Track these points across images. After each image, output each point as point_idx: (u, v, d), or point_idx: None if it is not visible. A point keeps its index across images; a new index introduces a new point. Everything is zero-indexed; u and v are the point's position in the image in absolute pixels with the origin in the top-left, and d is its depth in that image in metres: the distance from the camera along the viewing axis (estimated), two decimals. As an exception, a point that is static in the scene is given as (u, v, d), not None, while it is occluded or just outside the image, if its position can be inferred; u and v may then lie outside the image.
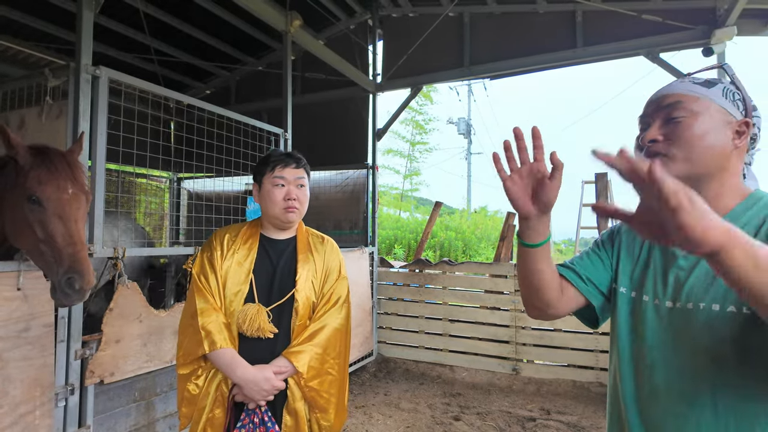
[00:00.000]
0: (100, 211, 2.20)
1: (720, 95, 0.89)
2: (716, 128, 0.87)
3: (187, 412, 1.45)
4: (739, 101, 0.90)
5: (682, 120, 0.88)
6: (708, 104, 0.88)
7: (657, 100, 0.94)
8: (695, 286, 0.87)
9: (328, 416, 1.49)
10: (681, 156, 0.88)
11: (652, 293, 0.94)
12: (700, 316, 0.84)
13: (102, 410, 2.21)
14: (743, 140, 0.89)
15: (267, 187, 1.55)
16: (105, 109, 2.23)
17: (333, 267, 1.62)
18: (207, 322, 1.43)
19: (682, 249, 0.64)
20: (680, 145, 0.88)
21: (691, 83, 0.91)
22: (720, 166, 0.88)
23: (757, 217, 0.85)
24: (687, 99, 0.89)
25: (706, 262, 0.65)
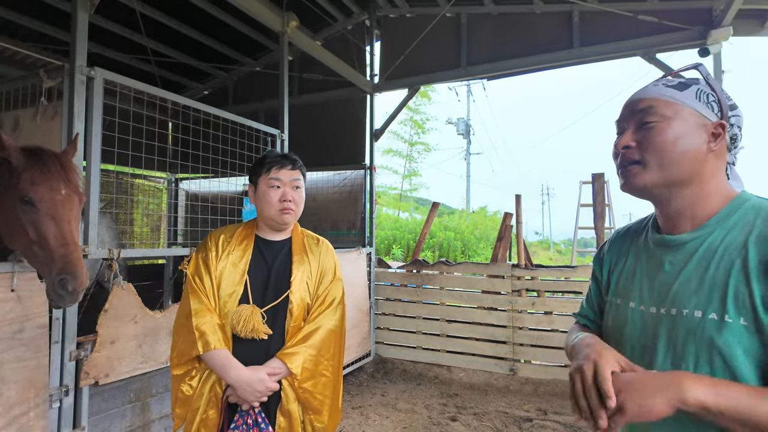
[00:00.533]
0: (94, 212, 2.19)
1: (693, 98, 0.87)
2: (689, 132, 0.86)
3: (181, 412, 1.45)
4: (713, 103, 0.88)
5: (655, 125, 0.88)
6: (680, 108, 0.87)
7: (631, 105, 0.93)
8: (680, 291, 0.86)
9: (322, 418, 1.49)
10: (654, 163, 0.87)
11: (638, 299, 0.93)
12: (683, 322, 0.84)
13: (97, 411, 2.20)
14: (719, 142, 0.87)
15: (262, 189, 1.55)
16: (100, 110, 2.23)
17: (328, 268, 1.62)
18: (201, 322, 1.43)
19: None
20: (653, 152, 0.87)
21: (665, 86, 0.90)
22: (695, 170, 0.87)
23: (743, 222, 0.84)
24: (659, 103, 0.88)
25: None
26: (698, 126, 0.86)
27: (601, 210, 4.39)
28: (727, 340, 0.78)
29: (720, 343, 0.78)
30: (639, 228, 1.04)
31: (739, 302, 0.78)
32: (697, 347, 0.81)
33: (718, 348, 0.79)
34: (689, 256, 0.87)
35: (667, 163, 0.86)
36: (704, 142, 0.86)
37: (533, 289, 4.33)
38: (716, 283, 0.81)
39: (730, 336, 0.78)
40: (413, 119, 19.06)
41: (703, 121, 0.87)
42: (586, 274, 4.20)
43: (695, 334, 0.81)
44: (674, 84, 0.90)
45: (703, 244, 0.86)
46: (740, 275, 0.79)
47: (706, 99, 0.88)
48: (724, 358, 0.78)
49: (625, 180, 0.92)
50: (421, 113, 19.28)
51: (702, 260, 0.85)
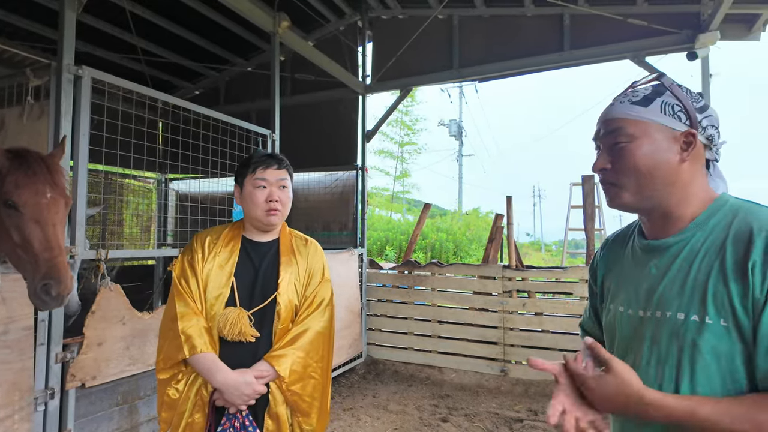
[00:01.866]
0: (82, 212, 2.17)
1: (658, 112, 0.88)
2: (658, 149, 0.87)
3: (167, 417, 1.44)
4: (680, 113, 0.88)
5: (624, 146, 0.89)
6: (647, 126, 0.88)
7: (602, 124, 0.95)
8: (664, 294, 0.87)
9: (311, 420, 1.48)
10: (630, 184, 0.89)
11: (626, 303, 0.95)
12: (666, 325, 0.85)
13: (83, 414, 2.18)
14: (692, 150, 0.88)
15: (248, 189, 1.54)
16: (88, 110, 2.20)
17: (316, 269, 1.62)
18: (187, 326, 1.42)
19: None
20: (626, 174, 0.89)
21: (629, 103, 0.90)
22: (671, 182, 0.88)
23: (723, 223, 0.85)
24: (626, 123, 0.89)
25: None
26: (667, 139, 0.87)
27: (591, 212, 4.42)
28: (708, 342, 0.79)
29: (701, 345, 0.80)
30: (627, 234, 1.06)
31: (719, 303, 0.79)
32: (680, 349, 0.82)
33: (700, 349, 0.80)
34: (672, 260, 0.88)
35: (641, 183, 0.89)
36: (676, 154, 0.87)
37: (524, 290, 4.35)
38: (697, 285, 0.83)
39: (711, 337, 0.79)
40: (402, 121, 19.10)
41: (672, 134, 0.88)
42: (577, 275, 4.23)
43: (678, 336, 0.83)
44: (638, 99, 0.90)
45: (685, 248, 0.87)
46: (719, 276, 0.80)
47: (671, 111, 0.88)
48: (705, 359, 0.80)
49: (609, 199, 0.95)
50: (410, 114, 19.33)
51: (684, 263, 0.86)
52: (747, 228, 0.81)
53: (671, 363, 0.84)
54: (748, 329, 0.76)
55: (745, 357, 0.77)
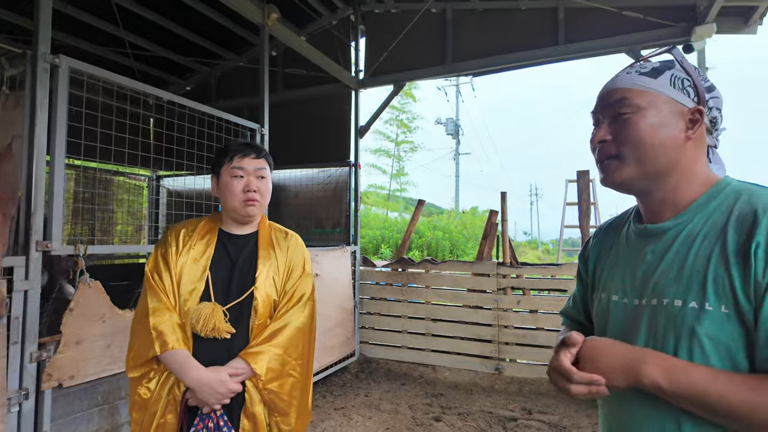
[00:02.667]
0: (59, 206, 2.10)
1: (667, 84, 0.84)
2: (665, 122, 0.82)
3: (138, 417, 1.37)
4: (689, 88, 0.84)
5: (629, 117, 0.84)
6: (655, 97, 0.83)
7: (605, 95, 0.90)
8: (660, 281, 0.82)
9: (289, 420, 1.42)
10: (632, 157, 0.84)
11: (621, 292, 0.90)
12: (663, 312, 0.80)
13: (61, 415, 2.11)
14: (697, 128, 0.83)
15: (225, 179, 1.48)
16: (65, 100, 2.13)
17: (297, 263, 1.55)
18: (159, 322, 1.36)
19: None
20: (629, 145, 0.84)
21: (637, 74, 0.86)
22: (674, 159, 0.83)
23: (724, 206, 0.80)
24: (632, 93, 0.85)
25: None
26: (674, 114, 0.83)
27: (587, 208, 4.37)
28: (708, 329, 0.74)
29: (701, 333, 0.75)
30: (621, 221, 1.01)
31: (719, 289, 0.74)
32: (677, 337, 0.77)
33: (699, 337, 0.75)
34: (670, 244, 0.83)
35: (644, 156, 0.83)
36: (681, 130, 0.83)
37: (519, 287, 4.29)
38: (695, 270, 0.78)
39: (711, 325, 0.74)
40: (398, 119, 19.03)
41: (680, 108, 0.83)
42: (572, 272, 4.17)
43: (675, 324, 0.78)
44: (647, 71, 0.86)
45: (683, 231, 0.82)
46: (719, 260, 0.75)
47: (681, 84, 0.84)
48: (704, 347, 0.74)
49: (605, 175, 0.89)
50: (407, 112, 19.26)
51: (682, 247, 0.81)
52: (751, 209, 0.76)
53: (668, 353, 0.78)
54: (750, 315, 0.72)
55: (746, 344, 0.73)
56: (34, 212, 2.00)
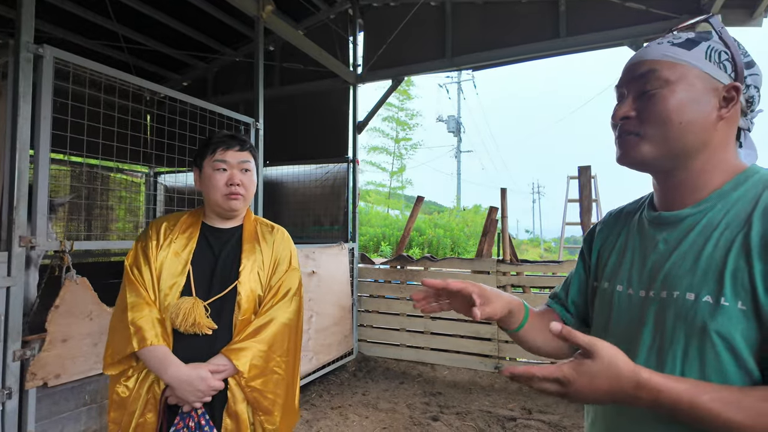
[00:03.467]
0: (43, 201, 2.04)
1: (702, 57, 0.75)
2: (696, 99, 0.74)
3: (116, 417, 1.32)
4: (726, 62, 0.75)
5: (656, 92, 0.75)
6: (687, 70, 0.74)
7: (631, 68, 0.81)
8: (671, 272, 0.75)
9: (273, 419, 1.36)
10: (656, 135, 0.76)
11: (626, 282, 0.82)
12: (673, 306, 0.73)
13: (46, 415, 2.06)
14: (732, 108, 0.75)
15: (207, 172, 1.42)
16: (50, 92, 2.07)
17: (283, 257, 1.49)
18: (138, 317, 1.30)
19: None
20: (654, 123, 0.76)
21: (669, 44, 0.77)
22: (703, 141, 0.75)
23: (749, 195, 0.72)
24: (662, 66, 0.76)
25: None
26: (707, 90, 0.74)
27: (588, 204, 4.29)
28: (722, 327, 0.67)
29: (713, 330, 0.67)
30: (634, 208, 0.93)
31: (738, 283, 0.67)
32: (687, 334, 0.70)
33: (711, 335, 0.68)
34: (686, 233, 0.76)
35: (670, 135, 0.75)
36: (714, 109, 0.74)
37: (519, 284, 4.22)
38: (713, 262, 0.70)
39: (725, 321, 0.67)
40: (396, 117, 18.94)
41: (714, 84, 0.74)
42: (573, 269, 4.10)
43: (686, 319, 0.70)
44: (681, 41, 0.77)
45: (702, 220, 0.75)
46: (740, 252, 0.68)
47: (717, 58, 0.74)
48: (716, 347, 0.67)
49: (623, 151, 0.80)
50: (405, 109, 19.16)
51: (699, 237, 0.74)
52: None
53: (676, 352, 0.71)
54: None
55: (758, 346, 0.65)
56: (17, 206, 1.95)
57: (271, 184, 5.20)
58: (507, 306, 0.91)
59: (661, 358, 0.73)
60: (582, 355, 0.67)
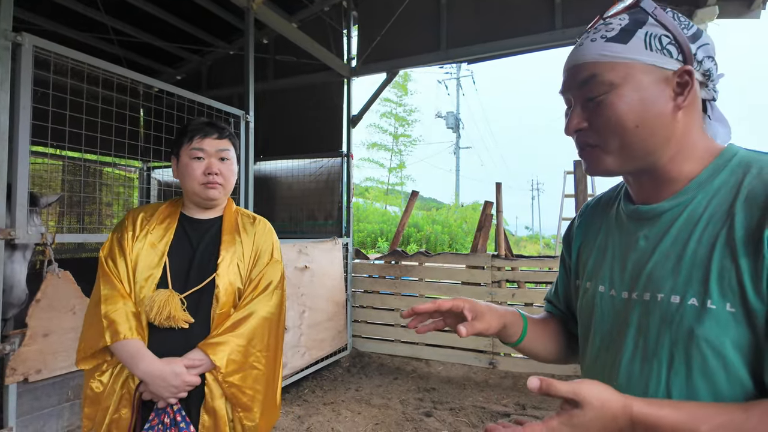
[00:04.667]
0: (23, 192, 2.00)
1: (642, 48, 0.68)
2: (647, 96, 0.68)
3: (90, 412, 1.28)
4: (670, 45, 0.68)
5: (602, 99, 0.69)
6: (629, 67, 0.68)
7: (571, 73, 0.74)
8: (654, 273, 0.69)
9: (252, 415, 1.32)
10: (615, 144, 0.70)
11: (609, 283, 0.77)
12: (657, 310, 0.67)
13: (27, 411, 2.02)
14: (688, 93, 0.68)
15: (184, 161, 1.38)
16: (29, 81, 2.02)
17: (264, 249, 1.45)
18: (111, 310, 1.26)
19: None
20: (609, 132, 0.70)
21: (604, 41, 0.70)
22: (665, 137, 0.69)
23: (730, 183, 0.66)
24: (602, 69, 0.69)
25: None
26: (657, 83, 0.68)
27: (584, 199, 4.25)
28: (709, 331, 0.62)
29: (701, 335, 0.62)
30: (611, 197, 0.87)
31: (725, 283, 0.61)
32: (673, 340, 0.65)
33: (698, 341, 0.62)
34: (666, 229, 0.70)
35: (628, 141, 0.69)
36: (669, 100, 0.68)
37: (514, 280, 4.19)
38: (697, 261, 0.65)
39: (713, 326, 0.62)
40: (394, 113, 18.85)
41: (663, 74, 0.68)
42: (568, 265, 4.07)
43: (671, 325, 0.65)
44: (615, 34, 0.69)
45: (682, 214, 0.69)
46: (725, 249, 0.62)
47: (659, 44, 0.68)
48: (704, 353, 0.62)
49: (588, 165, 0.76)
50: (403, 105, 19.07)
51: (681, 233, 0.68)
52: (763, 186, 0.62)
53: (661, 358, 0.66)
54: (761, 316, 0.59)
55: (750, 354, 0.60)
56: (-5, 197, 1.90)
57: (264, 179, 5.15)
58: (501, 320, 0.86)
59: (646, 364, 0.68)
60: (569, 404, 0.61)
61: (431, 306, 0.84)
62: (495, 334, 0.87)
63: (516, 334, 0.89)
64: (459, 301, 0.84)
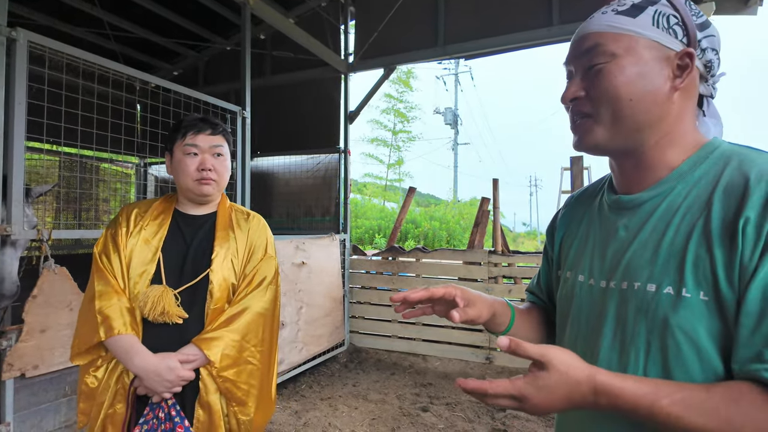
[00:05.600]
0: (19, 188, 2.00)
1: (649, 24, 0.69)
2: (646, 71, 0.69)
3: (85, 407, 1.29)
4: (677, 26, 0.69)
5: (602, 67, 0.70)
6: (633, 41, 0.69)
7: (577, 43, 0.76)
8: (632, 261, 0.70)
9: (247, 410, 1.33)
10: (607, 116, 0.71)
11: (588, 272, 0.78)
12: (634, 298, 0.69)
13: (25, 406, 2.03)
14: (687, 76, 0.69)
15: (178, 157, 1.38)
16: (24, 76, 2.02)
17: (258, 245, 1.46)
18: (105, 305, 1.26)
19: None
20: (603, 102, 0.71)
21: (614, 13, 0.71)
22: (657, 116, 0.70)
23: (711, 174, 0.67)
24: (606, 38, 0.71)
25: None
26: (658, 60, 0.69)
27: (581, 195, 4.26)
28: (684, 320, 0.63)
29: (675, 324, 0.64)
30: (595, 190, 0.88)
31: (699, 272, 0.63)
32: (649, 329, 0.66)
33: (673, 329, 0.64)
34: (646, 219, 0.71)
35: (621, 114, 0.70)
36: (667, 80, 0.69)
37: (510, 276, 4.21)
38: (674, 251, 0.66)
39: (688, 314, 0.63)
40: (395, 109, 18.81)
41: (665, 53, 0.69)
42: (564, 260, 4.08)
43: (647, 313, 0.66)
44: (626, 8, 0.71)
45: (662, 204, 0.70)
46: (701, 239, 0.64)
47: (666, 23, 0.69)
48: (678, 341, 0.63)
49: (578, 137, 0.76)
50: (404, 101, 19.04)
51: (659, 223, 0.69)
52: (741, 178, 0.63)
53: (638, 346, 0.67)
54: (732, 305, 0.60)
55: (721, 341, 0.62)
56: (-9, 194, 1.90)
57: (261, 175, 5.15)
58: (491, 308, 0.87)
59: (624, 353, 0.69)
60: (535, 367, 0.62)
61: (424, 293, 0.84)
62: (484, 323, 0.88)
63: (504, 323, 0.90)
64: (451, 288, 0.84)
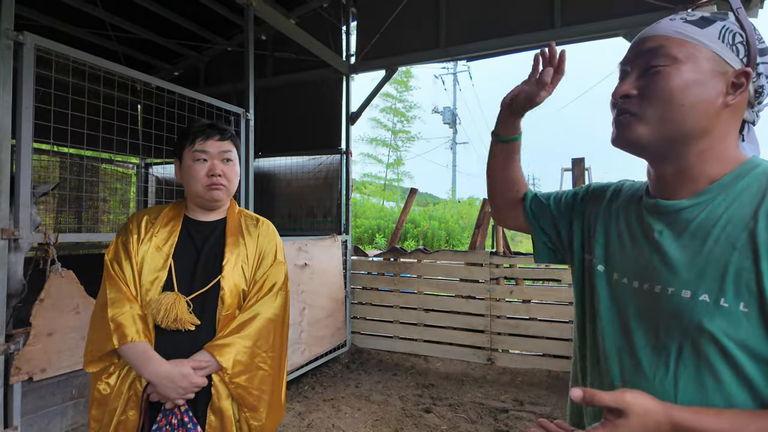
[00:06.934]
0: (26, 193, 2.00)
1: (716, 37, 0.70)
2: (702, 81, 0.69)
3: (97, 414, 1.30)
4: (740, 45, 0.70)
5: (661, 69, 0.71)
6: (697, 50, 0.70)
7: (639, 44, 0.77)
8: (667, 266, 0.72)
9: (259, 415, 1.34)
10: (654, 117, 0.72)
11: (621, 270, 0.80)
12: (667, 303, 0.70)
13: (32, 410, 2.04)
14: (739, 95, 0.70)
15: (187, 163, 1.39)
16: (31, 80, 2.02)
17: (268, 251, 1.47)
18: (118, 313, 1.27)
19: None
20: (655, 103, 0.72)
21: (682, 21, 0.73)
22: (703, 127, 0.71)
23: (753, 189, 0.68)
24: (671, 42, 0.72)
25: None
26: (715, 73, 0.70)
27: (582, 196, 4.27)
28: (718, 328, 0.64)
29: (709, 331, 0.65)
30: (634, 190, 0.89)
31: (742, 284, 0.64)
32: (682, 334, 0.67)
33: (706, 336, 0.65)
34: (685, 226, 0.72)
35: (669, 117, 0.71)
36: (720, 94, 0.70)
37: (512, 277, 4.22)
38: (713, 260, 0.67)
39: (724, 323, 0.64)
40: (394, 108, 18.80)
41: (723, 68, 0.70)
42: (566, 262, 4.10)
43: (681, 319, 0.68)
44: (695, 19, 0.72)
45: (701, 213, 0.71)
46: (746, 251, 0.65)
47: (731, 39, 0.70)
48: (711, 348, 0.65)
49: (618, 132, 0.77)
50: (403, 101, 19.03)
51: (699, 231, 0.70)
52: None
53: (670, 351, 0.69)
54: None
55: (756, 347, 0.63)
56: (-2, 198, 1.91)
57: (263, 176, 5.15)
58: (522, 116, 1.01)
59: (656, 359, 0.71)
60: (612, 414, 0.63)
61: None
62: (521, 105, 0.98)
63: (517, 131, 1.02)
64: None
